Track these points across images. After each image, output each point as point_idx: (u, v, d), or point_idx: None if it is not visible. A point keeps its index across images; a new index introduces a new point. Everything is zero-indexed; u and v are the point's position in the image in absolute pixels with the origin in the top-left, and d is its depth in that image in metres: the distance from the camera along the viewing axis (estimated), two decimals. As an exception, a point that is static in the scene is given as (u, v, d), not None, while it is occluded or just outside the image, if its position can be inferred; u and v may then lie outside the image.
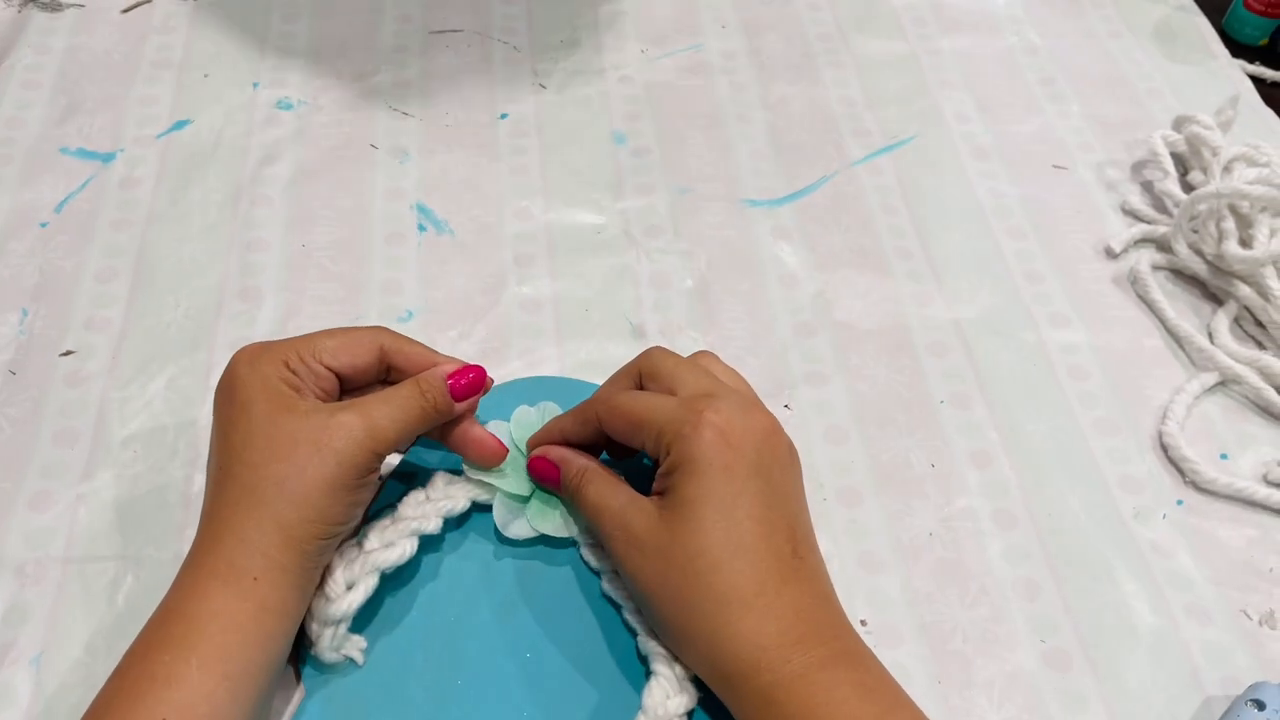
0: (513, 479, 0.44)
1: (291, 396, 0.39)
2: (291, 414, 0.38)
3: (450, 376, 0.41)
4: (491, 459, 0.43)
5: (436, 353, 0.43)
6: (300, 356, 0.40)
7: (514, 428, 0.45)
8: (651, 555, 0.38)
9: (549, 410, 0.46)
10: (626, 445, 0.41)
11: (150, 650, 0.36)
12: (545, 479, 0.43)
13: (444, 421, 0.42)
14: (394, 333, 0.42)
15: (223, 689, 0.35)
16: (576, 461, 0.42)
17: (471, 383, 0.42)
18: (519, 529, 0.43)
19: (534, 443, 0.44)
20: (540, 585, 0.43)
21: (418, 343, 0.43)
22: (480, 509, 0.44)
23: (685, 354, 0.43)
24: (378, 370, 0.42)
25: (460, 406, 0.42)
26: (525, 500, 0.44)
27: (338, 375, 0.41)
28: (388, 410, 0.39)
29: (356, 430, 0.38)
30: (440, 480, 0.43)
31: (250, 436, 0.38)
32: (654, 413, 0.39)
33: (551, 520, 0.43)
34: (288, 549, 0.37)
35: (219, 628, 0.35)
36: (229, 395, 0.39)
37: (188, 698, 0.34)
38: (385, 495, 0.44)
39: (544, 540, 0.43)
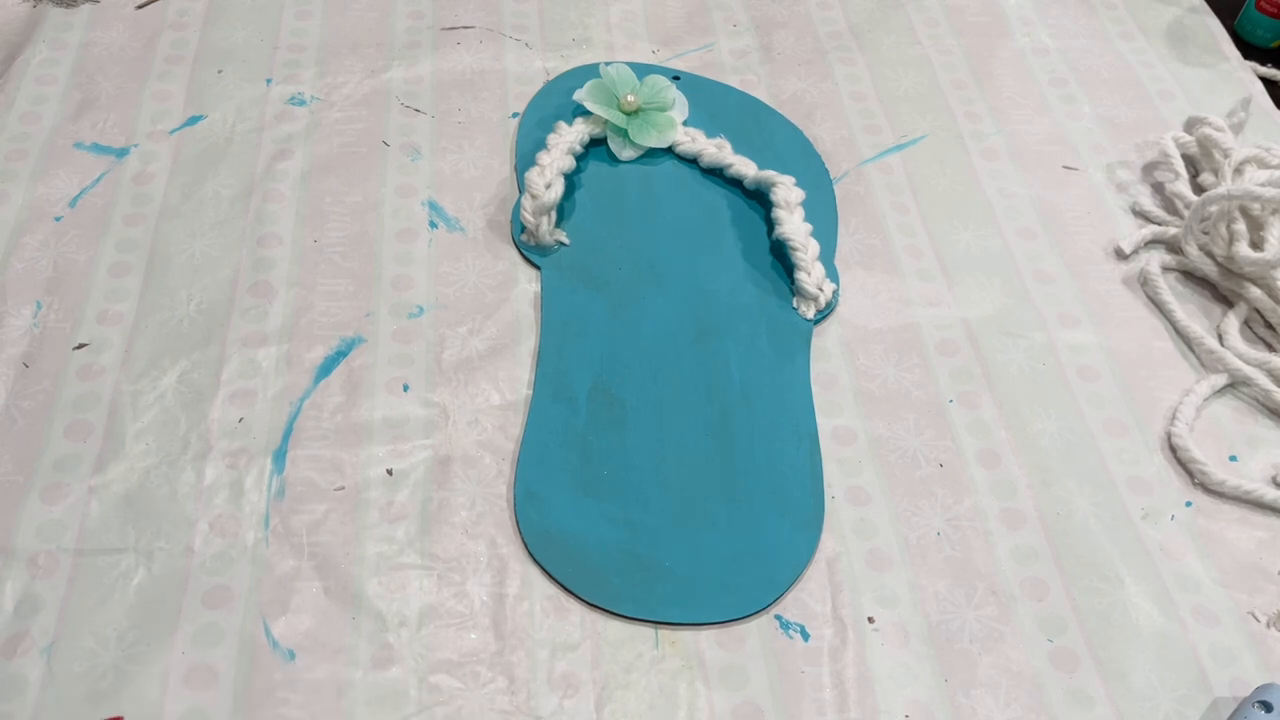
0: (613, 112, 0.58)
1: None
2: None
3: None
4: None
5: None
6: None
7: (614, 74, 0.59)
8: None
9: (621, 68, 0.60)
10: None
11: None
12: None
13: None
14: None
15: None
16: None
17: None
18: (629, 153, 0.58)
19: None
20: (656, 178, 0.58)
21: None
22: (597, 142, 0.59)
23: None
24: None
25: None
26: (625, 131, 0.58)
27: None
28: None
29: None
30: (561, 125, 0.58)
31: None
32: None
33: (649, 136, 0.58)
34: None
35: None
36: None
37: None
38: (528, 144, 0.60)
39: (649, 152, 0.59)
